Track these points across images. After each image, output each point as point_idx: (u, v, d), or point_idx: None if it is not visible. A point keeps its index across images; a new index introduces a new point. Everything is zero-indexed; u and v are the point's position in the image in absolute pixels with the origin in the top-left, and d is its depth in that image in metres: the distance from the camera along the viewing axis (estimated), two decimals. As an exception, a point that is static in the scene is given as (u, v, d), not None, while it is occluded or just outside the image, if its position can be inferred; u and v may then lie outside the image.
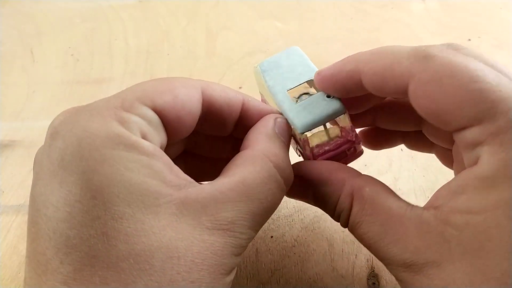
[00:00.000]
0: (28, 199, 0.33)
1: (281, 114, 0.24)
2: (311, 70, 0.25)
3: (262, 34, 0.51)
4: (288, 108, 0.24)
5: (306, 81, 0.25)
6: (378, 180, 0.22)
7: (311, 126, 0.23)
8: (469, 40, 0.49)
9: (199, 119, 0.22)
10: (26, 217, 0.32)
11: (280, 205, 0.29)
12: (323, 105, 0.23)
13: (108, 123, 0.18)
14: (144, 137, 0.19)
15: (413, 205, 0.20)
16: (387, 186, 0.21)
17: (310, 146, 0.24)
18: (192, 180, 0.20)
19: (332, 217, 0.23)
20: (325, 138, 0.25)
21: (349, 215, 0.21)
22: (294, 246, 0.30)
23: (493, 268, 0.16)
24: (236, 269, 0.20)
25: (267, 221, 0.31)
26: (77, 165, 0.17)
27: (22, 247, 0.30)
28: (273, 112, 0.24)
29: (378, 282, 0.28)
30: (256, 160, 0.21)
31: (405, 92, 0.20)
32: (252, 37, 0.51)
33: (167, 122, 0.20)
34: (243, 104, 0.23)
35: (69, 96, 0.43)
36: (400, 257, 0.19)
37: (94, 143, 0.17)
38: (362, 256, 0.30)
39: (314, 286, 0.28)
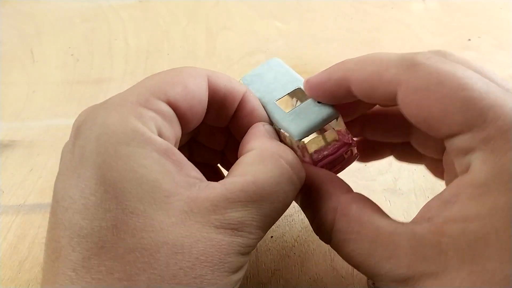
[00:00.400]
0: (28, 199, 0.33)
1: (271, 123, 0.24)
2: (295, 80, 0.25)
3: (262, 34, 0.51)
4: (280, 118, 0.24)
5: (293, 90, 0.25)
6: (368, 198, 0.22)
7: (307, 132, 0.23)
8: (469, 40, 0.49)
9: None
10: (26, 217, 0.33)
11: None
12: (315, 110, 0.23)
13: (124, 119, 0.19)
14: (159, 132, 0.19)
15: (403, 222, 0.19)
16: (377, 205, 0.21)
17: (309, 152, 0.24)
18: (203, 177, 0.20)
19: (312, 227, 0.22)
20: (322, 143, 0.25)
21: (330, 230, 0.21)
22: (294, 246, 0.30)
23: (494, 273, 0.16)
24: (245, 268, 0.20)
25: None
26: (94, 160, 0.18)
27: (22, 247, 0.30)
28: (263, 116, 0.24)
29: (378, 282, 0.28)
30: (268, 159, 0.21)
31: (394, 99, 0.19)
32: (252, 37, 0.51)
33: (180, 113, 0.21)
34: (243, 96, 0.24)
35: (69, 96, 0.43)
36: (393, 273, 0.18)
37: (111, 139, 0.18)
38: (362, 256, 0.30)
39: (314, 286, 0.28)
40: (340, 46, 0.49)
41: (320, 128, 0.24)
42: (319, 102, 0.24)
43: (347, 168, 0.30)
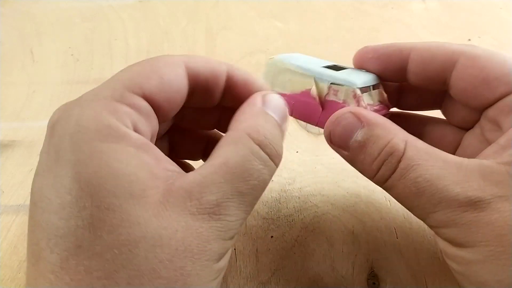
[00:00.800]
0: (28, 199, 0.33)
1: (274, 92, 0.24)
2: (325, 61, 0.27)
3: (262, 34, 0.51)
4: (333, 74, 0.25)
5: (332, 64, 0.26)
6: None
7: (365, 83, 0.24)
8: (469, 40, 0.49)
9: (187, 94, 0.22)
10: (26, 217, 0.32)
11: (280, 205, 0.30)
12: (364, 74, 0.25)
13: (98, 115, 0.18)
14: (135, 127, 0.19)
15: (467, 158, 0.20)
16: None
17: (364, 104, 0.24)
18: (180, 170, 0.20)
19: (365, 165, 0.22)
20: (370, 101, 0.25)
21: (398, 160, 0.21)
22: (294, 246, 0.30)
23: None
24: (229, 254, 0.20)
25: (267, 221, 0.31)
26: (69, 159, 0.18)
27: (22, 247, 0.30)
28: (259, 84, 0.24)
29: (378, 282, 0.28)
30: (238, 140, 0.20)
31: (449, 71, 0.22)
32: (252, 37, 0.51)
33: (157, 106, 0.20)
34: (227, 73, 0.23)
35: (69, 96, 0.43)
36: (464, 195, 0.19)
37: (84, 136, 0.18)
38: (362, 256, 0.30)
39: (314, 286, 0.28)
40: (340, 46, 0.49)
41: (372, 85, 0.25)
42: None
43: (347, 168, 0.30)
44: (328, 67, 0.26)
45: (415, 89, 0.27)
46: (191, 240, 0.17)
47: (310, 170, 0.35)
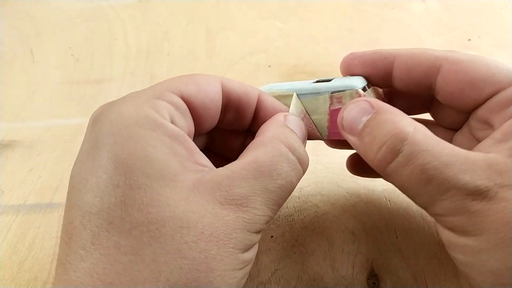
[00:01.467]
0: (28, 199, 0.33)
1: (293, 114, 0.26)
2: (304, 81, 0.27)
3: (262, 34, 0.51)
4: (329, 85, 0.25)
5: (315, 81, 0.26)
6: None
7: (362, 83, 0.25)
8: (469, 40, 0.49)
9: (220, 111, 0.24)
10: (26, 217, 0.33)
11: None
12: (354, 77, 0.26)
13: (139, 107, 0.20)
14: (172, 120, 0.21)
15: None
16: None
17: None
18: (212, 166, 0.21)
19: (369, 147, 0.22)
20: (373, 98, 0.26)
21: (403, 144, 0.20)
22: (294, 246, 0.30)
23: None
24: (255, 250, 0.20)
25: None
26: (107, 141, 0.19)
27: (22, 247, 0.30)
28: (285, 109, 0.26)
29: (378, 282, 0.28)
30: (267, 142, 0.22)
31: (434, 76, 0.23)
32: (252, 37, 0.51)
33: (193, 108, 0.22)
34: (259, 97, 0.25)
35: (69, 96, 0.43)
36: (472, 184, 0.19)
37: (124, 122, 0.19)
38: (362, 256, 0.30)
39: (314, 286, 0.28)
40: (340, 46, 0.49)
41: (367, 84, 0.26)
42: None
43: (347, 168, 0.30)
44: (316, 82, 0.26)
45: (402, 94, 0.28)
46: (218, 226, 0.18)
47: (310, 170, 0.35)
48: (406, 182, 0.20)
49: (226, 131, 0.27)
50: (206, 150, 0.28)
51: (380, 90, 0.27)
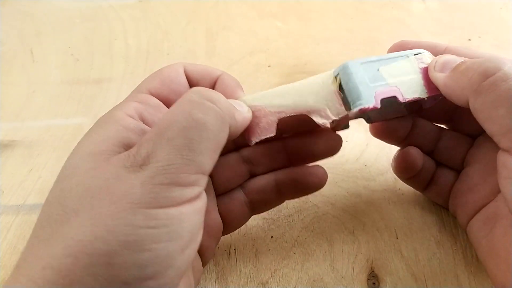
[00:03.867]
0: (28, 199, 0.33)
1: None
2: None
3: (262, 34, 0.51)
4: (406, 52, 0.27)
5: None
6: None
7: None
8: (469, 40, 0.49)
9: None
10: (26, 217, 0.33)
11: (280, 205, 0.30)
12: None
13: (112, 111, 0.23)
14: (141, 116, 0.23)
15: None
16: None
17: None
18: None
19: (464, 77, 0.23)
20: None
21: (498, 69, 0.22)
22: (294, 246, 0.30)
23: None
24: (188, 208, 0.19)
25: (267, 221, 0.31)
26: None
27: (22, 247, 0.30)
28: (241, 92, 0.26)
29: (378, 282, 0.28)
30: (175, 103, 0.21)
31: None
32: (252, 37, 0.51)
33: (164, 98, 0.25)
34: (219, 77, 0.27)
35: (69, 96, 0.43)
36: None
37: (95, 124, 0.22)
38: (362, 256, 0.30)
39: (314, 286, 0.28)
40: (340, 46, 0.49)
41: None
42: None
43: (347, 168, 0.30)
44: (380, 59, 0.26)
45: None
46: (116, 187, 0.18)
47: (310, 170, 0.35)
48: (499, 97, 0.21)
49: None
50: None
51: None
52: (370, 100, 0.24)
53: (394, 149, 0.31)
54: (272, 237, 0.31)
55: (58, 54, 0.49)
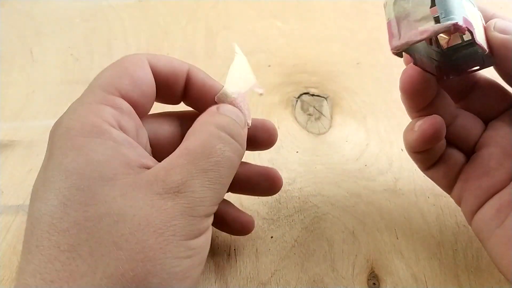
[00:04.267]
0: (28, 199, 0.33)
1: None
2: None
3: (262, 34, 0.51)
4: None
5: None
6: None
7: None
8: (470, 39, 0.49)
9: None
10: (25, 218, 0.32)
11: (280, 206, 0.30)
12: None
13: (83, 117, 0.21)
14: (119, 124, 0.21)
15: None
16: None
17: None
18: (157, 162, 0.22)
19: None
20: None
21: None
22: (294, 247, 0.30)
23: None
24: (207, 235, 0.21)
25: (267, 221, 0.31)
26: (55, 154, 0.20)
27: (21, 248, 0.30)
28: (216, 86, 0.26)
29: (379, 283, 0.28)
30: (197, 129, 0.23)
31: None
32: (252, 37, 0.51)
33: (134, 102, 0.23)
34: (188, 73, 0.25)
35: (68, 96, 0.43)
36: None
37: (70, 134, 0.20)
38: (362, 257, 0.29)
39: (314, 287, 0.28)
40: (341, 46, 0.49)
41: None
42: None
43: (347, 168, 0.30)
44: None
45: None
46: (155, 216, 0.18)
47: (310, 170, 0.35)
48: None
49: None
50: None
51: None
52: (460, 19, 0.22)
53: (394, 149, 0.31)
54: (272, 237, 0.31)
55: (58, 54, 0.49)
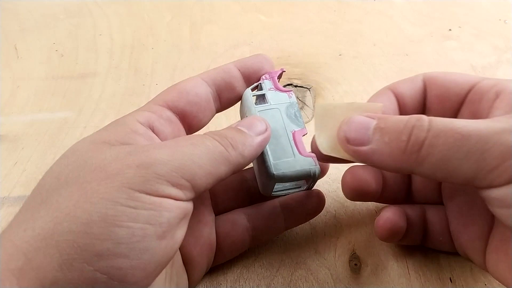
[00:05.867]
0: (13, 191, 0.33)
1: None
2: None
3: (246, 27, 0.51)
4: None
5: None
6: None
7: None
8: (450, 30, 0.50)
9: (214, 99, 0.27)
10: (10, 209, 0.33)
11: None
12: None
13: (124, 118, 0.24)
14: (151, 125, 0.24)
15: None
16: None
17: None
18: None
19: (392, 143, 0.21)
20: None
21: (429, 121, 0.21)
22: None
23: None
24: (172, 206, 0.19)
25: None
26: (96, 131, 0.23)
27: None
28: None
29: (360, 264, 0.29)
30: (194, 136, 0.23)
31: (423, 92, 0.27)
32: (236, 31, 0.51)
33: (181, 111, 0.25)
34: (238, 69, 0.28)
35: (53, 91, 0.43)
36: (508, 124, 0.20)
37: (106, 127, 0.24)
38: (344, 239, 0.30)
39: (297, 269, 0.29)
40: (323, 38, 0.50)
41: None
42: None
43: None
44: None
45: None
46: (113, 164, 0.19)
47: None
48: (444, 152, 0.20)
49: None
50: None
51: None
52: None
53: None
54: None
55: (43, 50, 0.49)
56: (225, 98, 0.28)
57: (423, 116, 0.21)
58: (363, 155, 0.22)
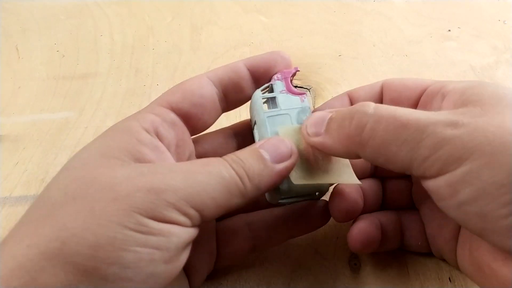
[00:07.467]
0: (14, 191, 0.33)
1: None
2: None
3: (246, 28, 0.52)
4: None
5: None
6: None
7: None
8: (449, 30, 0.50)
9: (221, 98, 0.26)
10: (11, 209, 0.33)
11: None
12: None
13: (127, 120, 0.23)
14: (156, 130, 0.23)
15: None
16: None
17: None
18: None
19: (342, 134, 0.22)
20: None
21: (374, 107, 0.22)
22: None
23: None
24: (178, 232, 0.19)
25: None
26: (95, 139, 0.23)
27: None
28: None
29: (360, 263, 0.29)
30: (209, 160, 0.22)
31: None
32: (237, 31, 0.51)
33: (185, 113, 0.25)
34: (246, 66, 0.27)
35: (55, 91, 0.44)
36: (445, 117, 0.20)
37: (109, 129, 0.23)
38: (344, 239, 0.30)
39: (297, 269, 0.29)
40: (323, 39, 0.50)
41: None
42: None
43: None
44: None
45: None
46: (123, 185, 0.19)
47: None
48: (384, 137, 0.21)
49: None
50: None
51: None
52: None
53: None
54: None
55: (44, 50, 0.49)
56: (232, 99, 0.27)
57: (370, 103, 0.22)
58: (318, 143, 0.23)
